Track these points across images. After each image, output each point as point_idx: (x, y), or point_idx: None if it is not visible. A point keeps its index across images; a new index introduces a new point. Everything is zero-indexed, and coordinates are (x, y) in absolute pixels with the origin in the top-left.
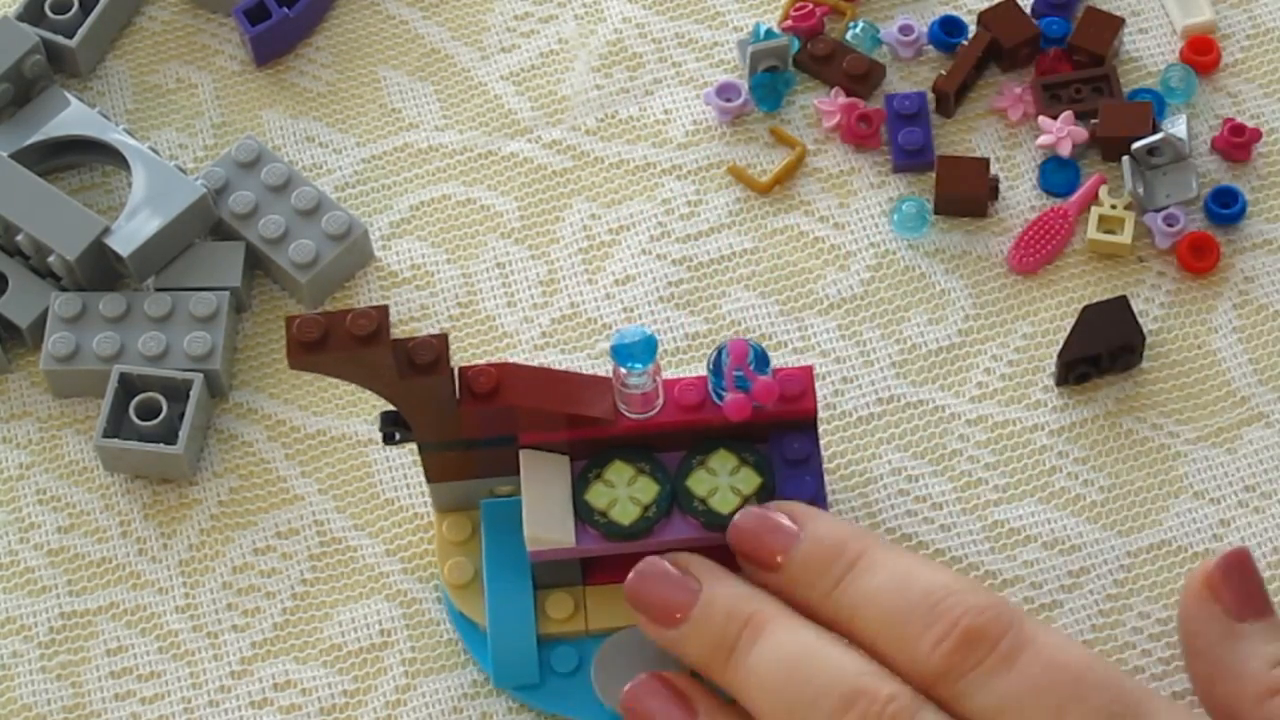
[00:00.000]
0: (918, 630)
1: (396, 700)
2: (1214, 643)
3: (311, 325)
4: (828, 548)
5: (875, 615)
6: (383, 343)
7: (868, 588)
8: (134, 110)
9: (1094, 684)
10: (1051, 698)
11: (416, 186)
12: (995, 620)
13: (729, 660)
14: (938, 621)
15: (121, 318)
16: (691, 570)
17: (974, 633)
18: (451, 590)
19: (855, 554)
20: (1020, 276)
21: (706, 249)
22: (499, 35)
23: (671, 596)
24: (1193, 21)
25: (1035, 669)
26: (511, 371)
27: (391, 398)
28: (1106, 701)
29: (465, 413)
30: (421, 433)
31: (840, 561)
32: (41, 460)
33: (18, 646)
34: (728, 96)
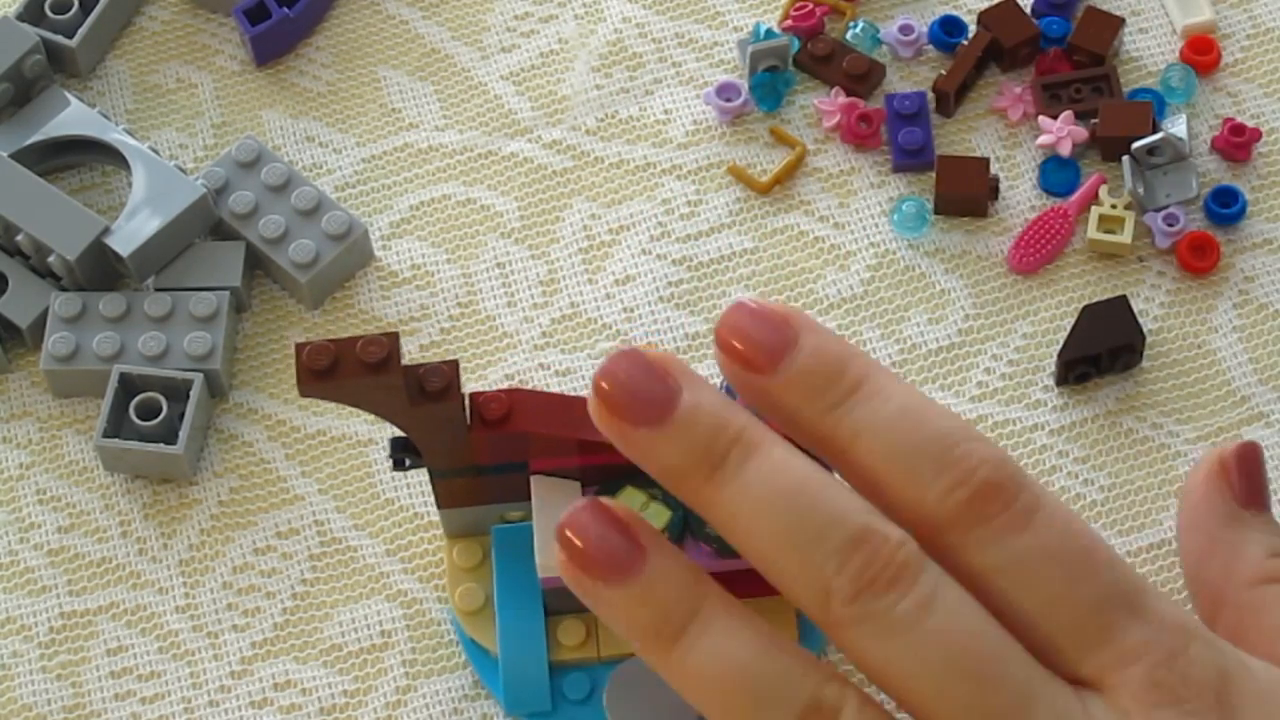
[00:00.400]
0: (929, 472)
1: (397, 701)
2: (1216, 521)
3: (322, 353)
4: (830, 361)
5: (881, 447)
6: (393, 370)
7: (875, 415)
8: (134, 110)
9: (1103, 560)
10: (1063, 565)
11: (416, 186)
12: (1012, 477)
13: (714, 476)
14: (952, 467)
15: (121, 318)
16: (672, 371)
17: (991, 486)
18: (462, 617)
19: (859, 375)
20: (1020, 276)
21: (706, 249)
22: (499, 35)
23: (652, 391)
24: (1193, 21)
25: (1049, 534)
26: (522, 397)
27: (402, 424)
28: (1114, 579)
29: (476, 439)
30: (432, 459)
31: (843, 380)
32: (41, 460)
33: (18, 646)
34: (728, 96)
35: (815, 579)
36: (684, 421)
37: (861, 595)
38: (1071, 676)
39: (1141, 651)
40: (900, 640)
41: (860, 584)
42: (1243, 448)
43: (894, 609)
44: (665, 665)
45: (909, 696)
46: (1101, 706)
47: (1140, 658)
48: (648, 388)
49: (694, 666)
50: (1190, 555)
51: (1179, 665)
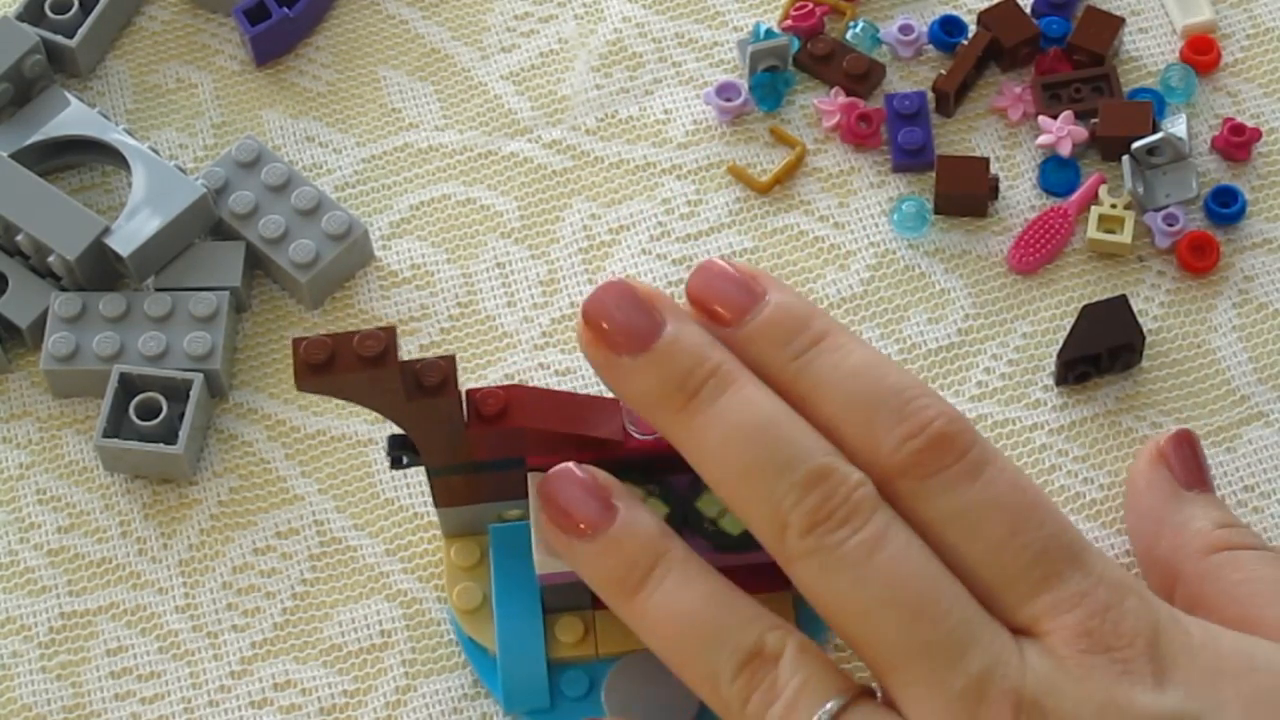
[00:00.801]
0: (886, 422)
1: (397, 701)
2: (1161, 503)
3: (318, 347)
4: (793, 316)
5: (841, 396)
6: (390, 364)
7: (836, 366)
8: (134, 110)
9: (1046, 513)
10: (1008, 516)
11: (416, 186)
12: (965, 431)
13: (688, 405)
14: (909, 419)
15: (121, 318)
16: (657, 304)
17: (945, 438)
18: (460, 615)
19: (821, 331)
20: (1020, 276)
21: (706, 249)
22: (499, 35)
23: (636, 321)
24: (1193, 21)
25: (998, 487)
26: (519, 393)
27: (399, 420)
28: (1055, 532)
29: (473, 435)
30: (429, 456)
31: (806, 333)
32: (41, 460)
33: (18, 646)
34: (728, 96)
35: (773, 511)
36: (664, 351)
37: (815, 530)
38: (1011, 623)
39: (1077, 601)
40: (847, 575)
41: (815, 519)
42: (1178, 434)
43: (844, 544)
44: (628, 611)
45: (851, 629)
46: (1036, 651)
47: (1076, 606)
48: (633, 317)
49: (651, 612)
50: (1141, 539)
51: (1113, 616)
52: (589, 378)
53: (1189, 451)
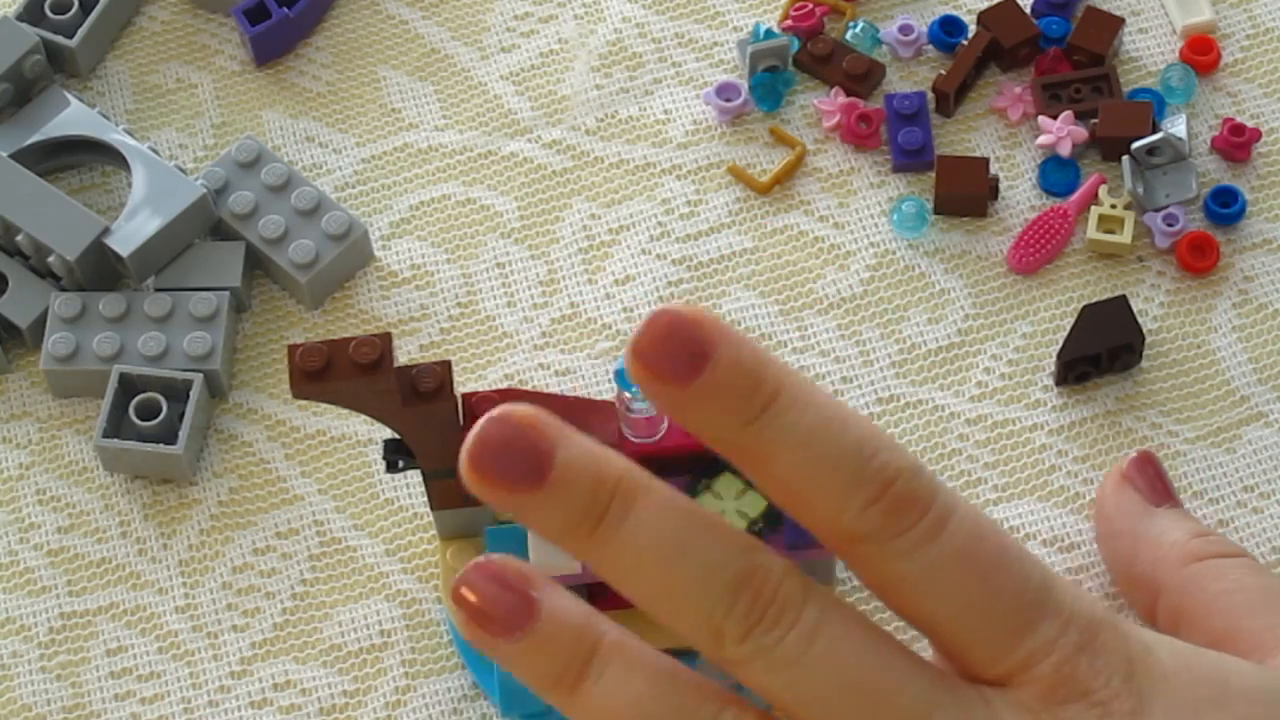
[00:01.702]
0: (846, 487)
1: (396, 701)
2: (1133, 522)
3: (314, 354)
4: (745, 374)
5: (799, 460)
6: (386, 371)
7: (793, 428)
8: (134, 110)
9: (1011, 559)
10: (973, 572)
11: (416, 186)
12: (924, 487)
13: (595, 532)
14: (869, 482)
15: (121, 318)
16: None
17: (906, 499)
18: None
19: (775, 386)
20: (1020, 276)
21: (706, 249)
22: (499, 35)
23: (524, 456)
24: (1192, 21)
25: (960, 541)
26: (515, 397)
27: (395, 425)
28: (1026, 576)
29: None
30: (425, 460)
31: (758, 395)
32: (41, 460)
33: (18, 646)
34: (728, 96)
35: (705, 624)
36: (559, 483)
37: (751, 634)
38: (985, 677)
39: (1050, 648)
40: (791, 670)
41: (748, 624)
42: (1140, 455)
43: (781, 642)
44: (574, 709)
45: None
46: (1009, 706)
47: (1049, 654)
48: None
49: (597, 709)
50: (1118, 561)
51: (1087, 657)
52: (589, 378)
53: (1153, 470)
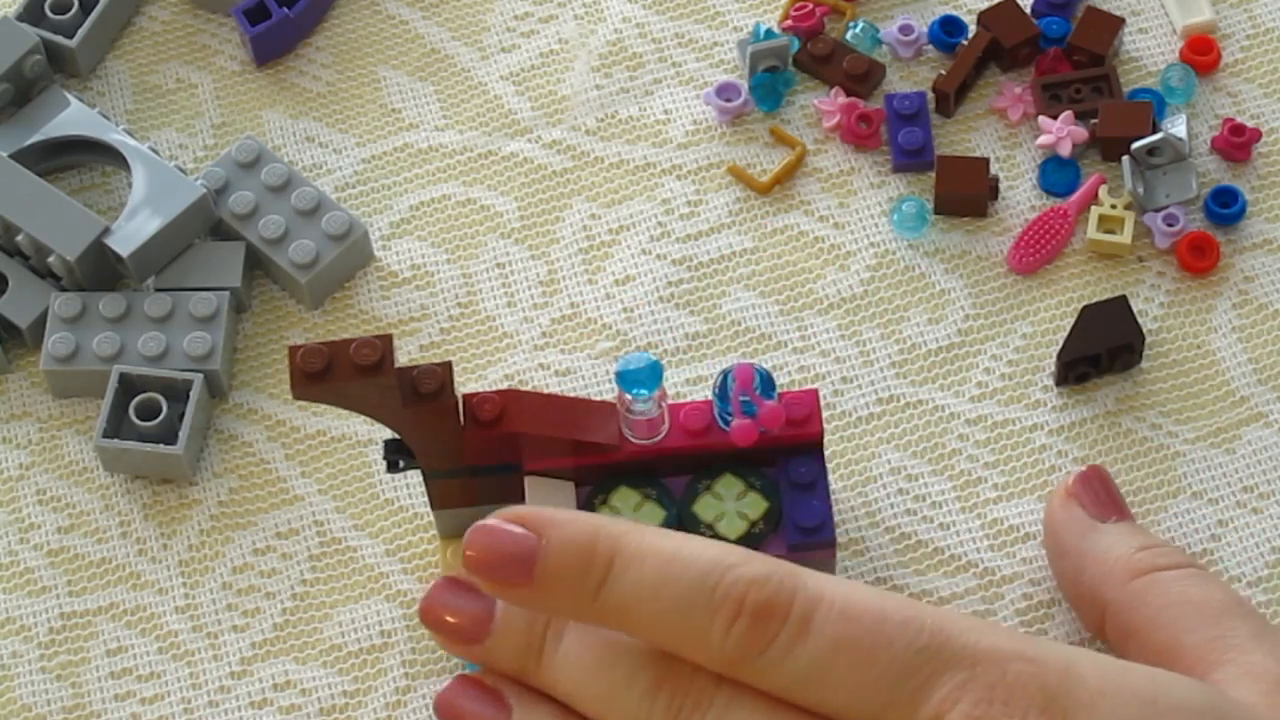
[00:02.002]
0: (703, 619)
1: (396, 701)
2: (1079, 538)
3: (315, 355)
4: (579, 548)
5: (651, 613)
6: (387, 372)
7: (634, 584)
8: (134, 110)
9: (896, 623)
10: (856, 651)
11: (416, 186)
12: (780, 588)
13: (539, 662)
14: (723, 607)
15: (121, 318)
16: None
17: (764, 608)
18: None
19: (609, 550)
20: (1020, 276)
21: (706, 249)
22: (499, 35)
23: (469, 613)
24: (1193, 21)
25: (833, 627)
26: (516, 398)
27: (395, 426)
28: (911, 637)
29: (469, 440)
30: (426, 460)
31: (594, 568)
32: (41, 460)
33: (18, 647)
34: (728, 96)
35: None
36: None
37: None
38: None
39: (959, 694)
40: None
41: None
42: (1085, 470)
43: None
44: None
45: None
46: None
47: (959, 700)
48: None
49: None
50: (1065, 576)
51: (1000, 694)
52: (589, 378)
53: (1098, 484)
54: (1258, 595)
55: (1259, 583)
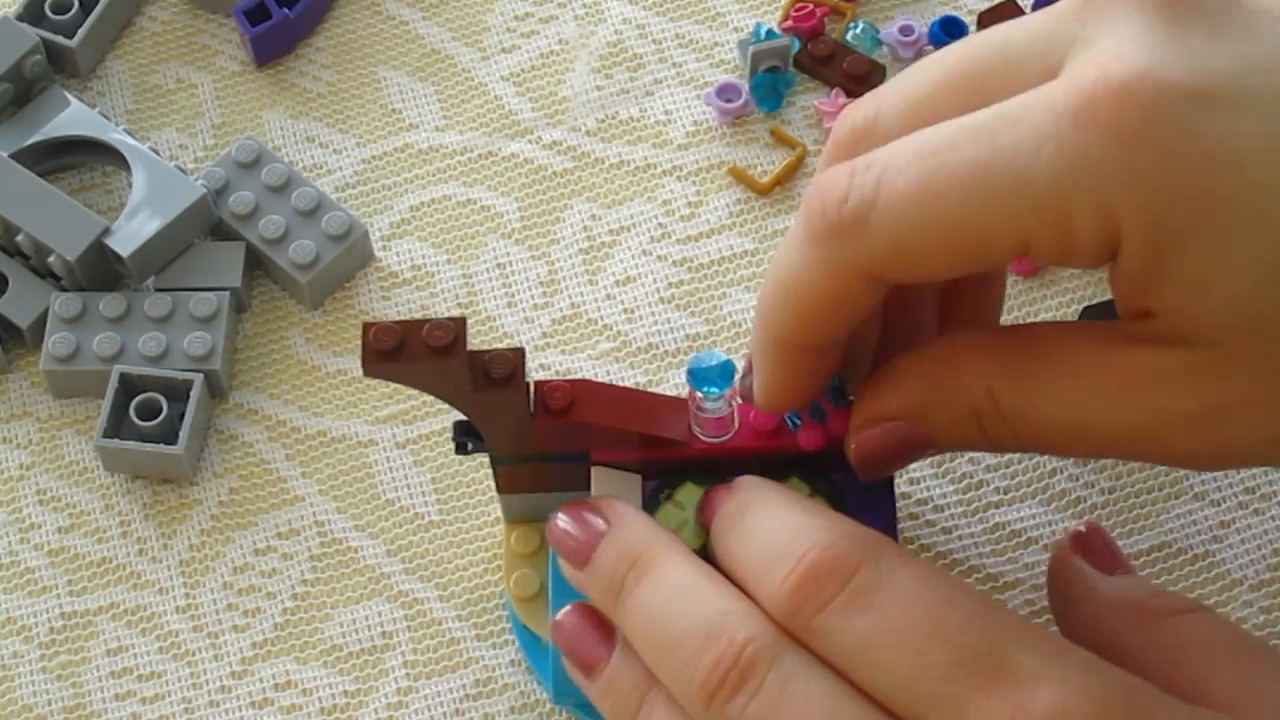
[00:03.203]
0: (775, 568)
1: (398, 702)
2: (1089, 591)
3: (388, 333)
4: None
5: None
6: (459, 355)
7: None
8: (134, 110)
9: (955, 622)
10: (911, 638)
11: (417, 187)
12: (842, 556)
13: (616, 601)
14: (788, 559)
15: (121, 318)
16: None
17: (820, 568)
18: (516, 603)
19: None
20: (1020, 278)
21: (707, 250)
22: (499, 36)
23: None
24: None
25: (892, 608)
26: (587, 388)
27: (465, 409)
28: (969, 640)
29: (539, 427)
30: (494, 444)
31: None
32: (42, 460)
33: (18, 647)
34: (728, 97)
35: (683, 688)
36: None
37: (714, 700)
38: None
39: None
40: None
41: (709, 690)
42: (1084, 528)
43: (745, 710)
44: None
45: None
46: None
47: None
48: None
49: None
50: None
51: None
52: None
53: (1100, 540)
54: (1260, 600)
55: (1260, 586)
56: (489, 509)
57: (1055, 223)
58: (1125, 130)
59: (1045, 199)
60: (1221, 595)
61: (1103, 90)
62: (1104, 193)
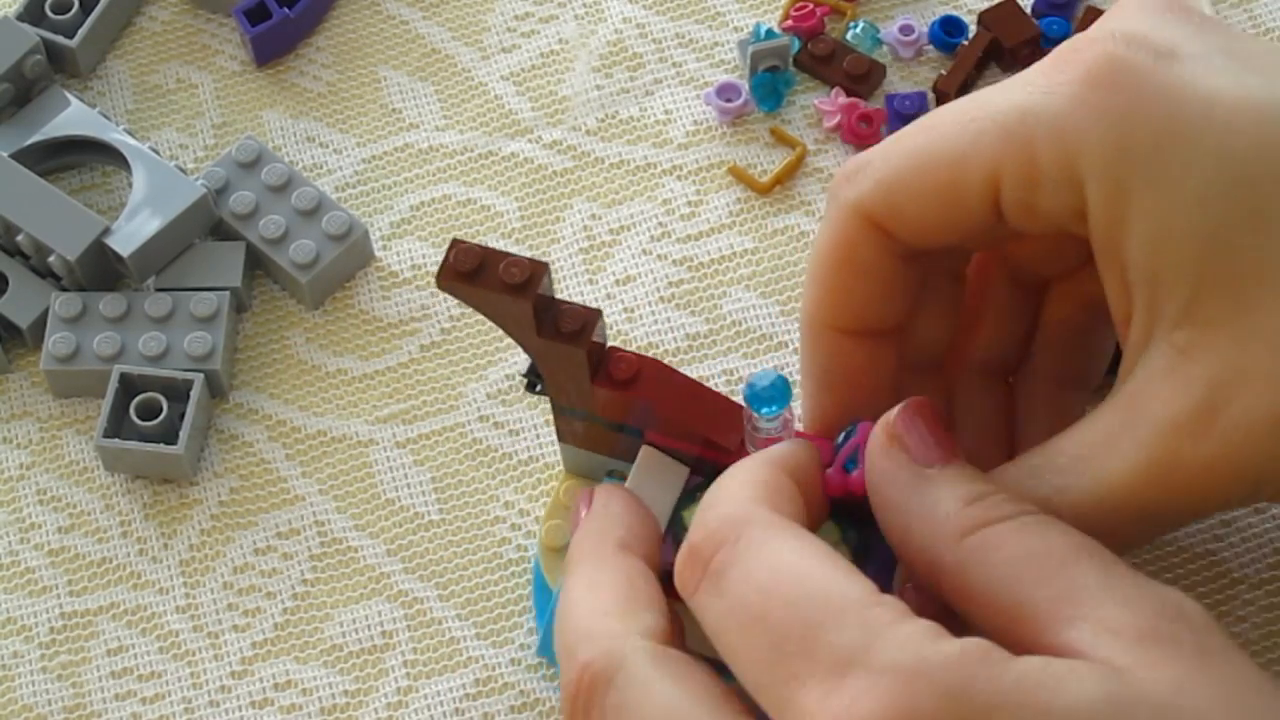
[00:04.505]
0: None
1: (398, 702)
2: (902, 492)
3: (470, 255)
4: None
5: None
6: (529, 296)
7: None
8: (134, 110)
9: (781, 604)
10: (742, 622)
11: (417, 187)
12: (712, 536)
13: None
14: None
15: (122, 318)
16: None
17: (692, 550)
18: (543, 550)
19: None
20: None
21: (707, 249)
22: (499, 35)
23: None
24: None
25: (738, 590)
26: (654, 367)
27: (530, 350)
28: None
29: (597, 392)
30: (555, 393)
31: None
32: (42, 460)
33: (18, 647)
34: (728, 96)
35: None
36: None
37: None
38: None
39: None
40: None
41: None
42: (908, 406)
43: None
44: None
45: None
46: None
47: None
48: None
49: None
50: (893, 536)
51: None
52: None
53: (921, 423)
54: (1261, 599)
55: (1261, 585)
56: (489, 508)
57: (1020, 151)
58: (1095, 71)
59: (1012, 126)
60: (1222, 595)
61: (1079, 41)
62: (1067, 125)
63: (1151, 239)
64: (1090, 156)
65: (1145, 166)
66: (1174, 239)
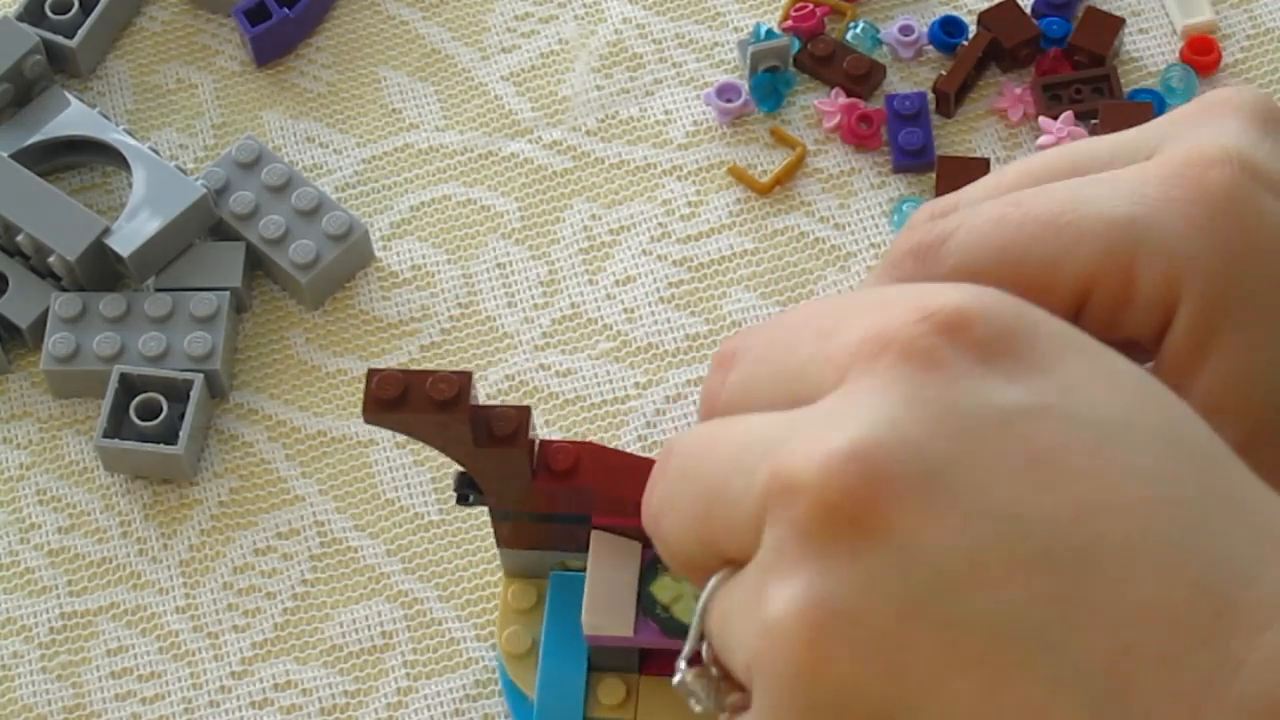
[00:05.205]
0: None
1: (398, 702)
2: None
3: (391, 382)
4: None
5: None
6: (462, 410)
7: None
8: (134, 110)
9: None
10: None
11: (417, 187)
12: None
13: None
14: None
15: (122, 318)
16: None
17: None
18: (507, 659)
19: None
20: None
21: (707, 250)
22: (499, 35)
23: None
24: (1193, 21)
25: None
26: (592, 452)
27: (466, 463)
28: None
29: (540, 487)
30: (495, 500)
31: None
32: (42, 460)
33: (18, 647)
34: (728, 97)
35: None
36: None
37: None
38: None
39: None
40: None
41: None
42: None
43: None
44: None
45: None
46: None
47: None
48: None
49: None
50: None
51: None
52: (590, 378)
53: None
54: None
55: None
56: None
57: (1119, 267)
58: (1210, 196)
59: (1116, 239)
60: None
61: (1195, 158)
62: (1175, 249)
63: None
64: (1192, 283)
65: (1241, 308)
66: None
